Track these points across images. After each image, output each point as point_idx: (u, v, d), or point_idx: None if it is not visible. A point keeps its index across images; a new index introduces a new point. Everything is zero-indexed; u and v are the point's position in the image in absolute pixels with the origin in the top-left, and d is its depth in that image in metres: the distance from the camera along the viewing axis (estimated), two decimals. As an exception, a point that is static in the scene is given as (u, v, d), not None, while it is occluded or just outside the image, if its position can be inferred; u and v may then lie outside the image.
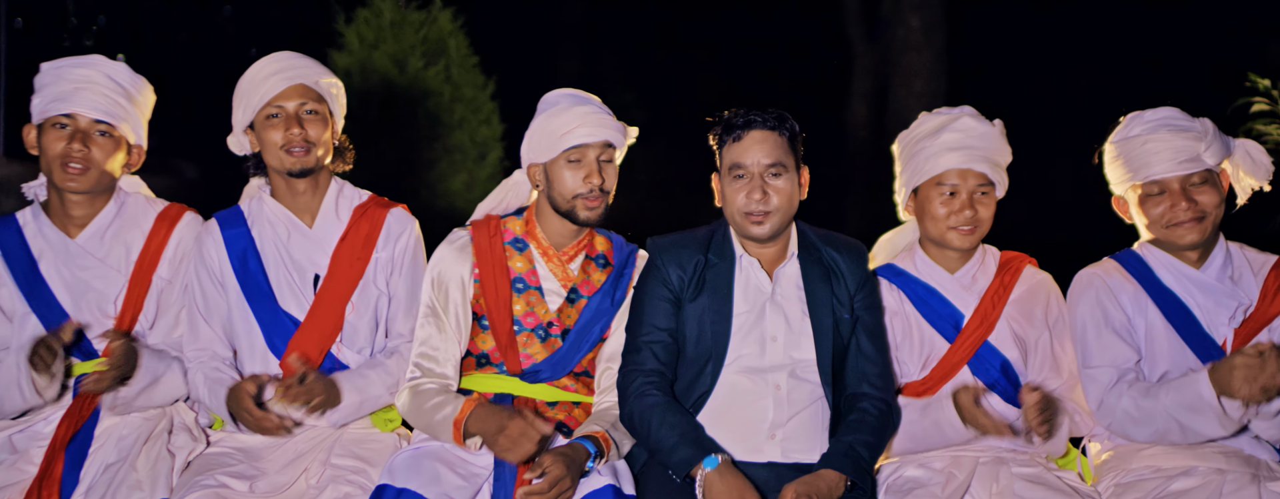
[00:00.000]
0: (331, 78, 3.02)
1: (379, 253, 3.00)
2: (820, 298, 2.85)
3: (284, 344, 2.92)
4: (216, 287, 2.96)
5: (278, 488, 2.74)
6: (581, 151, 2.85)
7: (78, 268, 2.94)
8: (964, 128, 2.91)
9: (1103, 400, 2.83)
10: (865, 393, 2.83)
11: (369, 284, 2.98)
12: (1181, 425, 2.71)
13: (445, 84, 7.53)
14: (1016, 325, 2.96)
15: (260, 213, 3.01)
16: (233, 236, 2.97)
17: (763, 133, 2.79)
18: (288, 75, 2.92)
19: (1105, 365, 2.85)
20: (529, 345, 2.89)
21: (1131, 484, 2.81)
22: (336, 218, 3.02)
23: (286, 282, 2.96)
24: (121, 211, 3.02)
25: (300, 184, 2.98)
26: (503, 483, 2.67)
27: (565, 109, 2.88)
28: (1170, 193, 2.85)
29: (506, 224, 2.97)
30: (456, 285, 2.89)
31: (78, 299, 2.93)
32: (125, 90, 2.96)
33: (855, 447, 2.71)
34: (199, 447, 2.89)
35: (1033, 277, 3.03)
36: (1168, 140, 2.84)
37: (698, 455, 2.63)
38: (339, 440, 2.88)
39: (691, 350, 2.83)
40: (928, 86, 9.85)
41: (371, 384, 2.89)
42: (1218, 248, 2.94)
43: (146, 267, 2.98)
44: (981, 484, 2.79)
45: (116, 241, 2.99)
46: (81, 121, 2.90)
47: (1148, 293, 2.91)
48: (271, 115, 2.91)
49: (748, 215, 2.79)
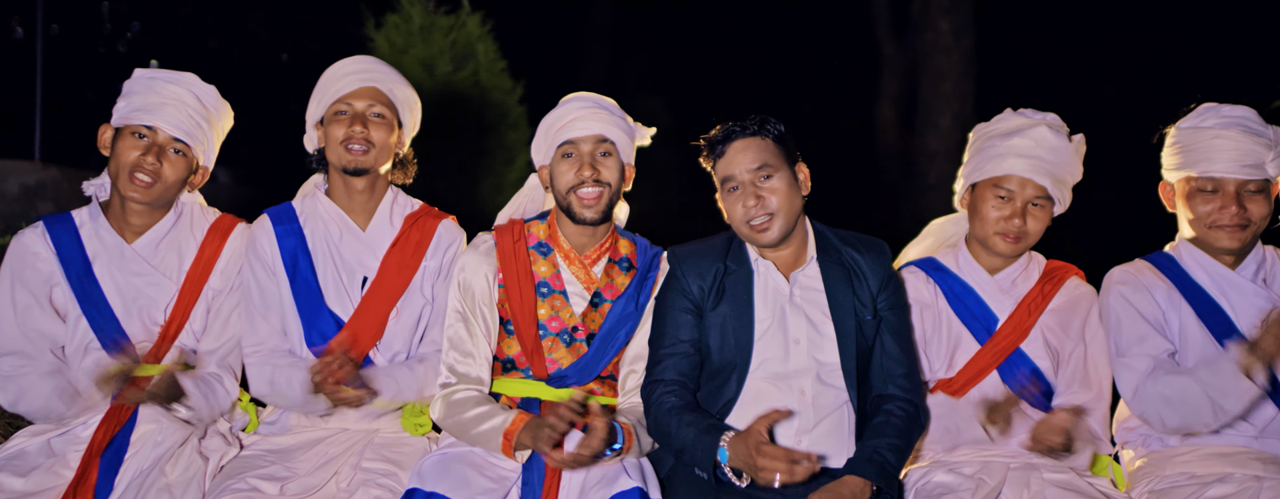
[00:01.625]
0: (408, 90, 3.06)
1: (427, 261, 3.03)
2: (842, 300, 2.84)
3: (324, 342, 2.93)
4: (271, 278, 2.99)
5: (308, 489, 2.76)
6: (574, 145, 2.87)
7: (132, 273, 2.98)
8: (1037, 137, 2.87)
9: (1138, 388, 2.79)
10: (892, 394, 2.82)
11: (415, 291, 3.01)
12: (1213, 403, 2.67)
13: (474, 88, 7.55)
14: (1052, 335, 2.93)
15: (314, 211, 3.05)
16: (284, 232, 3.01)
17: (743, 141, 2.80)
18: (362, 76, 2.98)
19: (1141, 354, 2.82)
20: (554, 350, 2.89)
21: (1166, 491, 2.78)
22: (390, 224, 3.05)
23: (334, 280, 2.99)
24: (179, 222, 3.06)
25: (358, 184, 3.01)
26: (531, 487, 2.68)
27: (560, 106, 2.92)
28: (1223, 194, 2.82)
29: (530, 228, 2.98)
30: (482, 289, 2.90)
31: (129, 304, 2.96)
32: (209, 112, 3.02)
33: (881, 451, 2.69)
34: (232, 451, 2.92)
35: (1076, 288, 3.00)
36: (1237, 140, 2.79)
37: (717, 438, 2.61)
38: (370, 443, 2.90)
39: (716, 359, 2.82)
40: (956, 89, 9.79)
41: (404, 383, 2.91)
42: (1254, 250, 2.91)
43: (198, 277, 3.01)
44: (1012, 490, 2.77)
45: (171, 250, 3.03)
46: (160, 136, 2.95)
47: (1181, 293, 2.89)
48: (340, 112, 2.97)
49: (749, 224, 2.79)
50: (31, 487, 2.73)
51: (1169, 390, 2.73)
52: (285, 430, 2.97)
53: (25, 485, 2.72)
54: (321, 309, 2.95)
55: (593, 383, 2.92)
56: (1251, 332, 2.80)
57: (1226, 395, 2.65)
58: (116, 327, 2.94)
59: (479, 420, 2.75)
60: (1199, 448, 2.84)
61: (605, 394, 2.94)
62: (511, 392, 2.91)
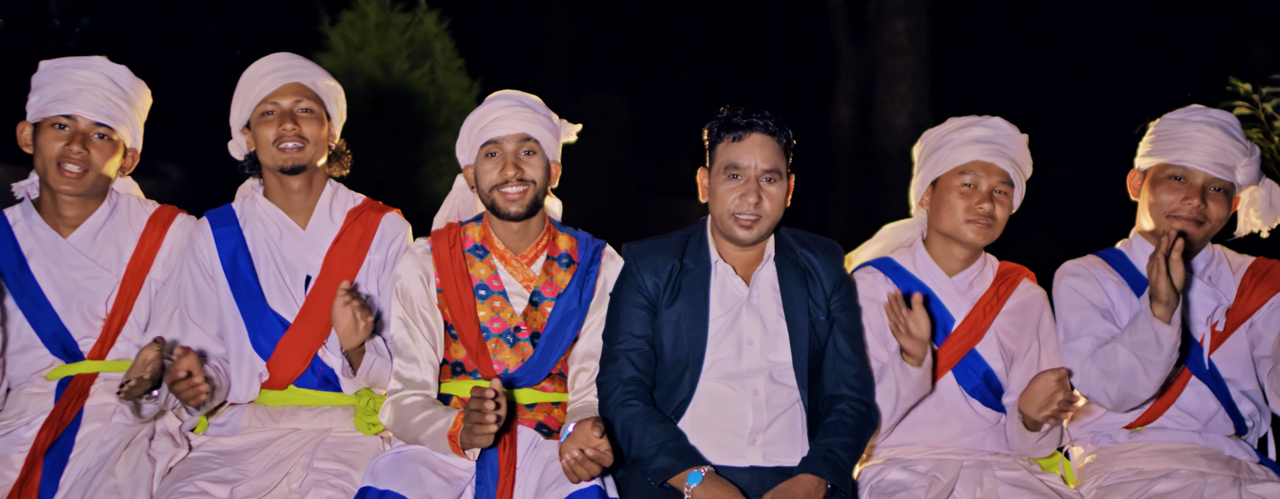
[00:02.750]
0: (330, 81, 3.02)
1: (372, 255, 3.00)
2: (796, 300, 2.85)
3: (271, 345, 2.90)
4: (208, 283, 2.95)
5: (259, 491, 2.73)
6: (498, 144, 2.85)
7: (69, 267, 2.93)
8: (993, 125, 2.94)
9: (1083, 369, 2.84)
10: (843, 395, 2.83)
11: (361, 287, 2.98)
12: (1141, 360, 2.71)
13: (431, 86, 7.52)
14: (1006, 337, 2.96)
15: (253, 212, 3.00)
16: (224, 235, 2.96)
17: (764, 137, 2.79)
18: (284, 74, 2.93)
19: (1085, 336, 2.87)
20: (499, 351, 2.88)
21: (1114, 487, 2.83)
22: (330, 220, 3.01)
23: (276, 282, 2.95)
24: (114, 213, 3.00)
25: (294, 182, 2.97)
26: (485, 485, 2.67)
27: (483, 106, 2.91)
28: (1189, 186, 2.87)
29: (466, 231, 2.96)
30: (420, 294, 2.88)
31: (67, 299, 2.91)
32: (126, 93, 2.96)
33: (834, 449, 2.71)
34: (180, 452, 2.87)
35: (1028, 290, 3.03)
36: (1218, 139, 2.86)
37: (677, 465, 2.64)
38: (321, 443, 2.87)
39: (669, 357, 2.82)
40: (912, 90, 9.87)
41: (382, 353, 2.87)
42: (1203, 250, 2.97)
43: (138, 268, 2.97)
44: (965, 488, 2.80)
45: (108, 242, 2.97)
46: (82, 123, 2.89)
47: (1131, 287, 2.94)
48: (266, 112, 2.92)
49: (737, 217, 2.78)
50: (-26, 488, 2.69)
51: (1104, 363, 2.78)
52: (236, 431, 2.93)
53: (-33, 487, 2.68)
54: (265, 311, 2.92)
55: (544, 381, 2.91)
56: (1200, 335, 2.86)
57: (1148, 348, 2.70)
58: (56, 322, 2.89)
59: (425, 424, 2.74)
60: (1146, 444, 2.89)
61: (557, 392, 2.93)
62: (462, 393, 2.89)
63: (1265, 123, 4.57)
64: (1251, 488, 2.73)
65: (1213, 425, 2.89)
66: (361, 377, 2.86)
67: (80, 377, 2.90)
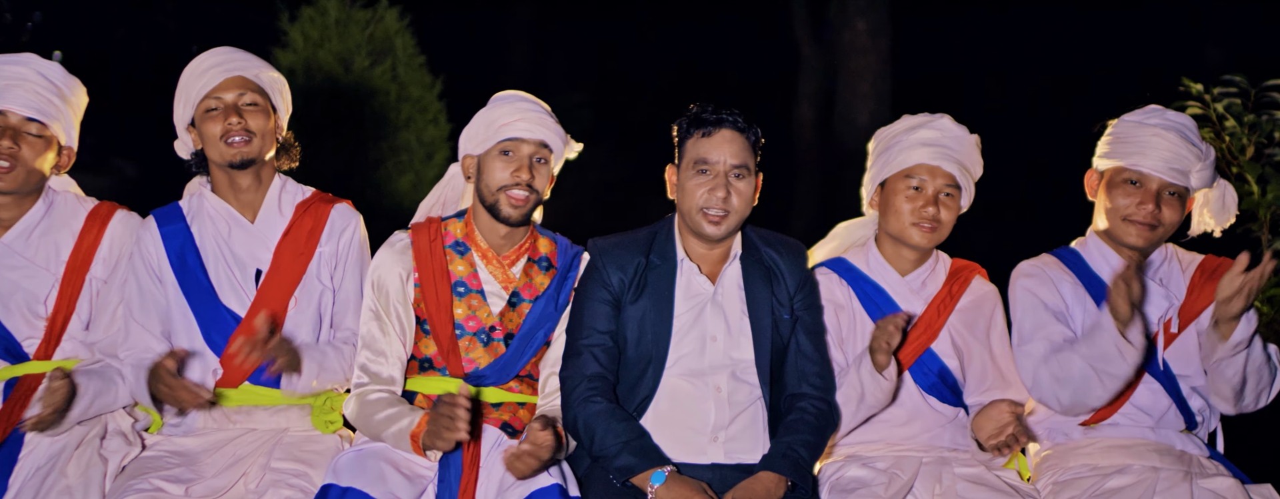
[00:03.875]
0: (273, 72, 2.98)
1: (323, 247, 2.97)
2: (760, 298, 2.86)
3: (224, 340, 2.87)
4: (154, 282, 2.91)
5: (215, 492, 2.71)
6: (515, 145, 2.85)
7: (6, 268, 2.88)
8: (941, 127, 2.95)
9: (1035, 373, 2.86)
10: (805, 393, 2.84)
11: (312, 279, 2.95)
12: (1097, 371, 2.74)
13: (392, 83, 7.47)
14: (958, 335, 2.99)
15: (200, 209, 2.97)
16: (170, 233, 2.93)
17: (733, 133, 2.80)
18: (225, 68, 2.89)
19: (1039, 339, 2.89)
20: (471, 349, 2.87)
21: (1069, 482, 2.86)
22: (279, 213, 2.99)
23: (227, 277, 2.92)
24: (51, 211, 2.96)
25: (242, 179, 2.94)
26: (448, 484, 2.66)
27: (508, 103, 2.89)
28: (1144, 190, 2.90)
29: (447, 226, 2.95)
30: (396, 289, 2.87)
31: (6, 299, 2.87)
32: (58, 89, 2.90)
33: (794, 447, 2.72)
34: (133, 451, 2.84)
35: (980, 288, 3.06)
36: (1174, 144, 2.88)
37: (639, 464, 2.64)
38: (279, 443, 2.85)
39: (632, 353, 2.83)
40: (873, 89, 9.93)
41: (329, 360, 2.86)
42: (1156, 250, 3.01)
43: (78, 266, 2.92)
44: (924, 484, 2.83)
45: (45, 241, 2.93)
46: (12, 119, 2.84)
47: (1085, 287, 2.97)
48: (211, 109, 2.88)
49: (705, 213, 2.79)
50: (-77, 490, 2.65)
51: (1058, 369, 2.81)
52: (191, 431, 2.90)
53: (-83, 488, 2.64)
54: (217, 307, 2.89)
55: (511, 382, 2.90)
56: (1153, 334, 2.90)
57: (1108, 361, 2.73)
58: None
59: (389, 422, 2.72)
60: (1100, 440, 2.92)
61: (524, 393, 2.93)
62: (428, 389, 2.88)
63: (1217, 123, 4.64)
64: (1202, 482, 2.77)
65: (1165, 421, 2.93)
66: (306, 386, 2.85)
67: (27, 377, 2.86)
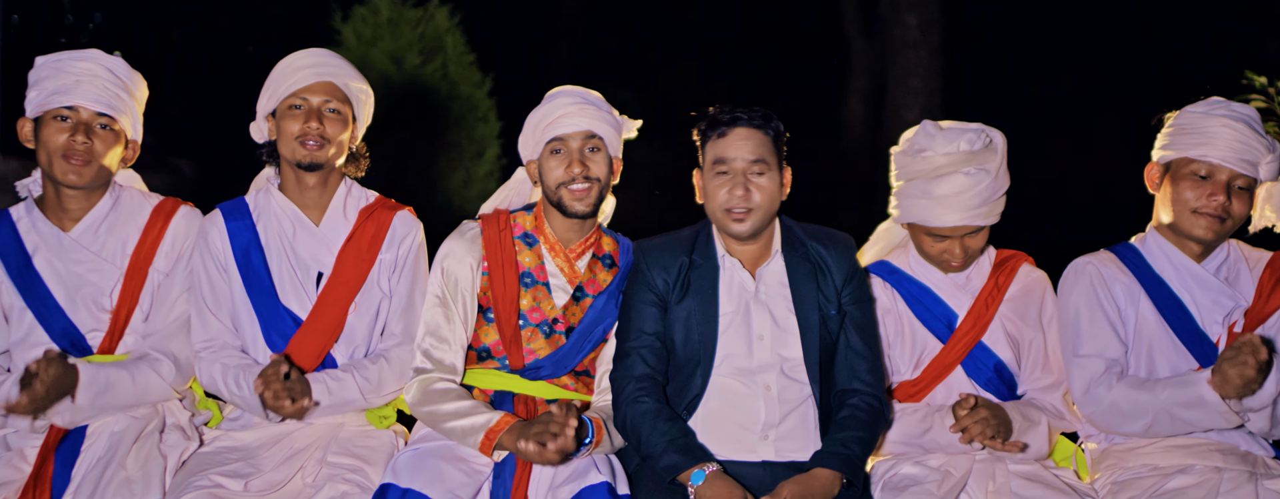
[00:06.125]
0: (363, 84, 3.03)
1: (384, 254, 3.00)
2: (806, 294, 2.84)
3: (283, 341, 2.91)
4: (222, 275, 2.96)
5: (273, 486, 2.74)
6: (563, 141, 2.87)
7: (72, 262, 2.93)
8: (956, 186, 2.84)
9: (1089, 389, 2.82)
10: (856, 389, 2.83)
11: (373, 286, 2.98)
12: (1175, 418, 2.72)
13: (442, 81, 7.53)
14: (1010, 325, 2.95)
15: (267, 206, 3.01)
16: (237, 229, 2.97)
17: (748, 130, 2.80)
18: (318, 71, 2.94)
19: (1094, 355, 2.84)
20: (533, 340, 2.89)
21: (1128, 482, 2.81)
22: (344, 217, 3.02)
23: (289, 278, 2.96)
24: (117, 205, 3.01)
25: (310, 179, 2.98)
26: (502, 481, 2.68)
27: (549, 101, 2.92)
28: (1213, 182, 2.83)
29: (516, 218, 2.98)
30: (466, 277, 2.89)
31: (72, 294, 2.92)
32: (124, 83, 2.96)
33: (848, 444, 2.71)
34: (192, 446, 2.88)
35: (1028, 275, 3.02)
36: (1241, 134, 2.81)
37: (684, 463, 2.64)
38: (335, 438, 2.88)
39: (680, 354, 2.83)
40: (924, 84, 9.84)
41: (346, 388, 2.87)
42: (1221, 245, 2.94)
43: (142, 260, 2.97)
44: (978, 482, 2.80)
45: (111, 235, 2.98)
46: (83, 114, 2.89)
47: (1142, 286, 2.91)
48: (294, 106, 2.93)
49: (728, 212, 2.79)
50: (-9, 480, 2.70)
51: (1125, 403, 2.77)
52: (249, 426, 2.94)
53: (-16, 479, 2.70)
54: (277, 307, 2.93)
55: (566, 377, 2.92)
56: (1216, 336, 2.83)
57: (1193, 413, 2.70)
58: (63, 318, 2.90)
59: (457, 415, 2.74)
60: (1161, 440, 2.87)
61: (579, 390, 2.94)
62: (485, 384, 2.90)
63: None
64: (1268, 483, 2.71)
65: (1229, 421, 2.87)
66: (326, 409, 2.86)
67: None
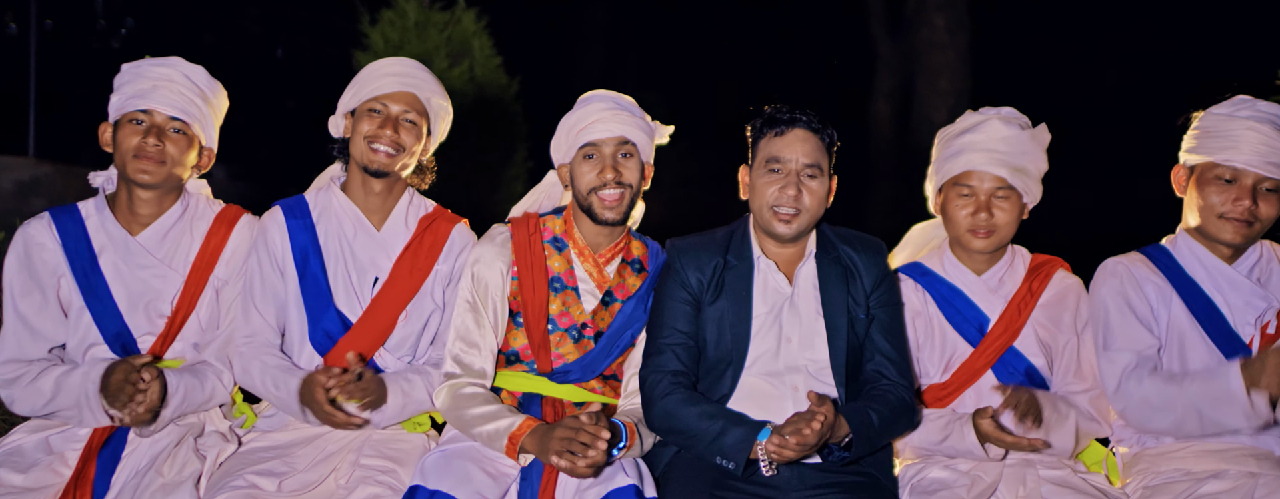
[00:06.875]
0: (444, 101, 3.07)
1: (439, 265, 3.03)
2: (835, 298, 2.84)
3: (330, 341, 2.93)
4: (276, 271, 2.98)
5: (306, 486, 2.76)
6: (596, 147, 2.87)
7: (137, 266, 2.97)
8: (989, 130, 2.89)
9: (1121, 383, 2.80)
10: (887, 377, 2.81)
11: (426, 295, 3.01)
12: (1202, 416, 2.69)
13: (469, 84, 7.55)
14: (1043, 331, 2.94)
15: (328, 206, 3.04)
16: (297, 227, 3.00)
17: (806, 132, 2.80)
18: (403, 80, 2.98)
19: (1125, 349, 2.82)
20: (561, 345, 2.90)
21: (1161, 487, 2.79)
22: (404, 225, 3.05)
23: (344, 280, 2.98)
24: (186, 213, 3.05)
25: (377, 185, 3.01)
26: (530, 482, 2.69)
27: (583, 106, 2.93)
28: (1239, 186, 2.81)
29: (546, 223, 2.99)
30: (496, 282, 2.90)
31: (134, 298, 2.95)
32: (201, 91, 3.01)
33: (868, 410, 2.69)
34: (230, 448, 2.92)
35: (1063, 280, 3.00)
36: (1268, 135, 2.78)
37: (749, 434, 2.60)
38: (368, 440, 2.90)
39: (711, 353, 2.83)
40: (952, 85, 9.80)
41: (416, 389, 2.91)
42: (1252, 247, 2.91)
43: (203, 267, 3.01)
44: (1008, 487, 2.78)
45: (176, 242, 3.01)
46: (157, 117, 2.94)
47: (1174, 287, 2.88)
48: (373, 110, 2.97)
49: (776, 211, 2.79)
50: (31, 483, 2.73)
51: (1155, 397, 2.74)
52: (283, 426, 2.97)
53: (25, 481, 2.73)
54: (329, 308, 2.95)
55: (594, 380, 2.92)
56: (1248, 338, 2.80)
57: (1219, 409, 2.67)
58: (119, 321, 2.93)
59: (484, 419, 2.75)
60: (1193, 444, 2.84)
61: (606, 393, 2.95)
62: (513, 386, 2.91)
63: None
64: (1303, 488, 2.68)
65: (1263, 425, 2.84)
66: (393, 419, 2.90)
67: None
